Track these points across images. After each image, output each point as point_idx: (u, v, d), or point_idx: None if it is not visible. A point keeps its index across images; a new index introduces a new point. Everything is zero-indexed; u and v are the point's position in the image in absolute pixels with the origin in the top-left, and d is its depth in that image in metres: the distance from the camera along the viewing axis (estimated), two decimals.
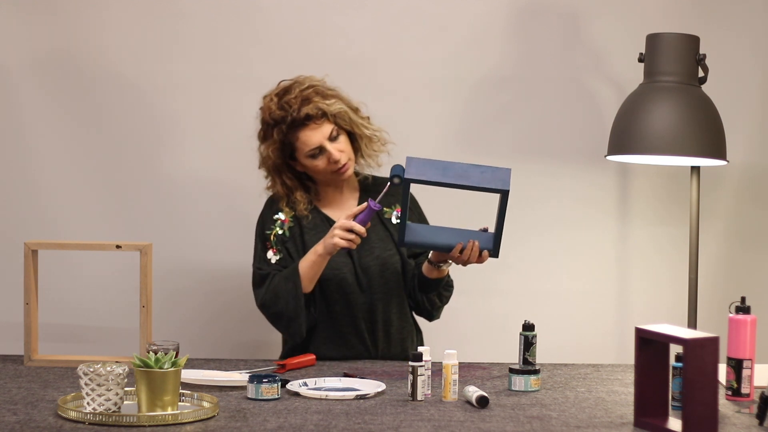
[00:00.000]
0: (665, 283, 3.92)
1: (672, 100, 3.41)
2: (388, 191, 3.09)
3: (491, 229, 3.14)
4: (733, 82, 3.84)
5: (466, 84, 3.86)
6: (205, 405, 2.60)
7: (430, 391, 2.76)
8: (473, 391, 2.69)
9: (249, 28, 3.82)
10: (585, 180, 3.91)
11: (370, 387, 2.82)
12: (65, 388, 2.82)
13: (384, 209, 3.34)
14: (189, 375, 2.87)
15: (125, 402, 2.60)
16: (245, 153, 3.81)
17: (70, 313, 3.83)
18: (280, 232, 3.30)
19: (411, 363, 2.70)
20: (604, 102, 3.87)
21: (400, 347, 3.33)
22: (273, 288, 3.21)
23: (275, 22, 3.82)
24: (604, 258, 3.94)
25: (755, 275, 3.91)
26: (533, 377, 2.86)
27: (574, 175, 3.90)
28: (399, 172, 3.01)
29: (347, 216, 3.13)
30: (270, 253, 3.28)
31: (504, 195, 3.00)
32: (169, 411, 2.50)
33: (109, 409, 2.50)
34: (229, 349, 3.80)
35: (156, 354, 2.55)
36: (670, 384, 2.58)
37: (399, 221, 3.11)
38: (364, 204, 3.12)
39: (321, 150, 3.23)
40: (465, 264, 3.14)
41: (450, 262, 3.22)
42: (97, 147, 3.81)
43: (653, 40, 3.48)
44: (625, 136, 3.45)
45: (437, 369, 2.95)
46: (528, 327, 2.93)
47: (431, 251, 3.21)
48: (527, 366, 2.90)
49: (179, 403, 2.57)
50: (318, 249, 3.18)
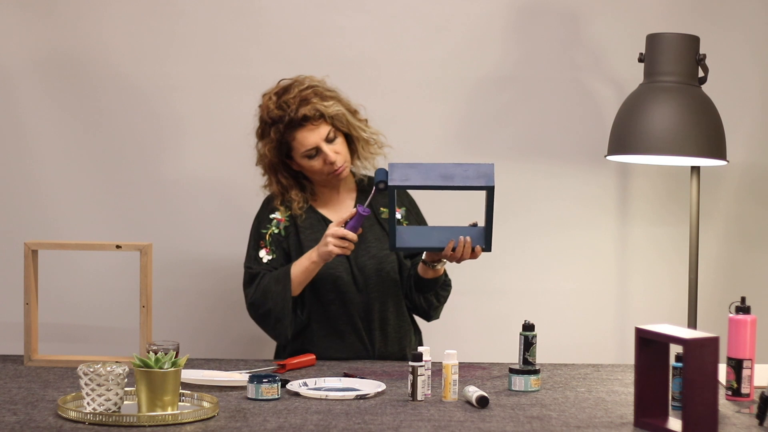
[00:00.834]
0: (665, 283, 3.92)
1: (672, 100, 3.41)
2: (375, 195, 3.10)
3: (480, 223, 3.14)
4: (733, 82, 3.84)
5: (466, 84, 3.86)
6: (205, 405, 2.60)
7: (430, 391, 2.76)
8: (473, 391, 2.69)
9: (248, 28, 3.82)
10: (585, 180, 3.91)
11: (370, 387, 2.82)
12: (65, 388, 2.82)
13: (381, 209, 3.35)
14: (189, 375, 2.87)
15: (125, 402, 2.60)
16: (245, 153, 3.81)
17: (70, 313, 3.83)
18: (276, 231, 3.30)
19: (411, 363, 2.71)
20: (604, 102, 3.87)
21: (397, 346, 3.34)
22: (262, 288, 3.22)
23: (275, 22, 3.82)
24: (603, 258, 3.94)
25: (755, 275, 3.91)
26: (533, 377, 2.86)
27: (574, 175, 3.90)
28: (383, 176, 3.02)
29: (337, 223, 3.13)
30: (263, 252, 3.29)
31: (490, 191, 3.00)
32: (169, 411, 2.50)
33: (109, 409, 2.50)
34: (229, 349, 3.80)
35: (156, 354, 2.55)
36: (670, 384, 2.58)
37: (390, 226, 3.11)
38: (353, 210, 3.12)
39: (317, 151, 3.23)
40: (459, 261, 3.14)
41: (444, 260, 3.22)
42: (98, 147, 3.81)
43: (653, 40, 3.48)
44: (625, 136, 3.45)
45: (437, 369, 2.95)
46: (528, 327, 2.93)
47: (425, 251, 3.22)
48: (527, 366, 2.90)
49: (179, 403, 2.57)
50: (312, 256, 3.18)
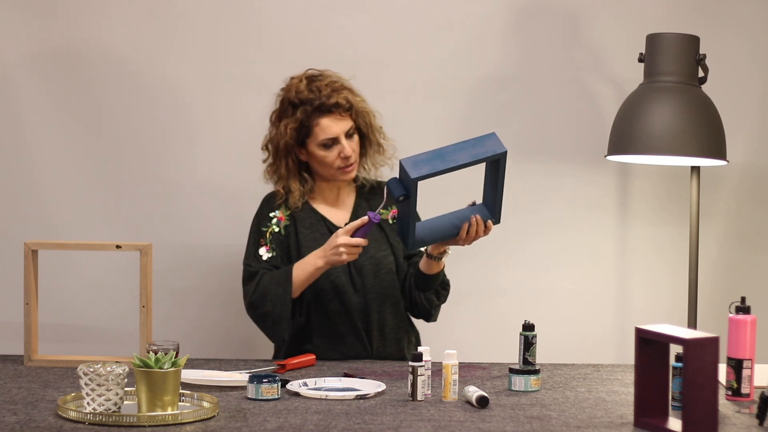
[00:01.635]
0: (665, 283, 3.92)
1: (672, 100, 3.41)
2: (386, 202, 3.10)
3: (478, 201, 3.16)
4: (733, 82, 3.84)
5: (466, 84, 3.86)
6: (205, 405, 2.60)
7: (430, 391, 2.76)
8: (473, 391, 2.69)
9: (249, 28, 3.82)
10: (585, 180, 3.91)
11: (370, 387, 2.82)
12: (65, 388, 2.82)
13: (380, 211, 3.35)
14: (189, 375, 2.87)
15: (125, 402, 2.60)
16: (245, 153, 3.81)
17: (70, 313, 3.83)
18: (276, 230, 3.31)
19: (411, 363, 2.70)
20: (604, 102, 3.87)
21: (395, 347, 3.34)
22: (262, 289, 3.22)
23: (276, 22, 3.82)
24: (604, 258, 3.94)
25: (755, 275, 3.91)
26: (533, 377, 2.86)
27: (574, 175, 3.90)
28: (401, 190, 2.98)
29: (346, 231, 3.12)
30: (263, 250, 3.29)
31: (503, 158, 3.02)
32: (169, 411, 2.50)
33: (109, 409, 2.50)
34: (229, 349, 3.80)
35: (156, 354, 2.55)
36: (670, 384, 2.58)
37: (400, 228, 3.09)
38: (364, 218, 3.11)
39: (335, 142, 3.25)
40: (471, 242, 3.13)
41: (449, 251, 3.22)
42: (98, 147, 3.81)
43: (653, 40, 3.48)
44: (625, 136, 3.45)
45: (437, 369, 2.95)
46: (528, 327, 2.93)
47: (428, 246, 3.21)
48: (527, 366, 2.90)
49: (179, 403, 2.57)
50: (318, 263, 3.18)
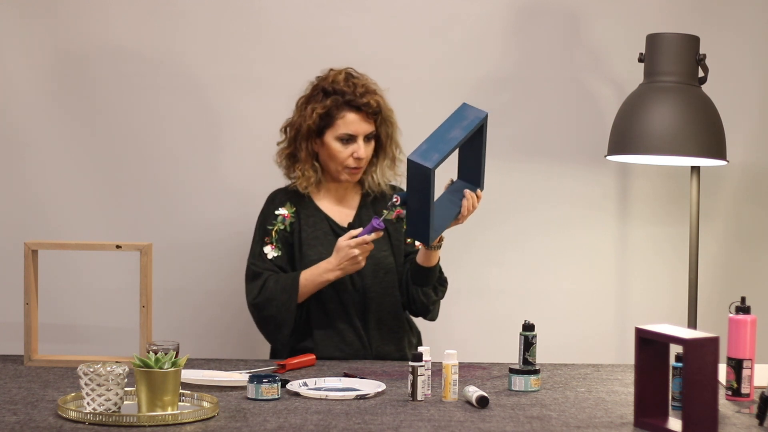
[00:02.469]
0: (665, 283, 3.92)
1: (672, 100, 3.41)
2: (391, 206, 3.15)
3: (455, 179, 3.24)
4: (733, 82, 3.84)
5: (466, 84, 3.86)
6: (205, 405, 2.60)
7: (430, 391, 2.76)
8: (473, 391, 2.69)
9: (250, 28, 3.82)
10: (585, 180, 3.91)
11: (370, 387, 2.82)
12: (65, 388, 2.82)
13: (384, 212, 3.35)
14: (189, 375, 2.87)
15: (125, 402, 2.60)
16: (245, 153, 3.82)
17: (70, 313, 3.83)
18: (282, 227, 3.32)
19: (411, 363, 2.71)
20: (604, 102, 3.87)
21: (394, 346, 3.34)
22: (268, 293, 3.23)
23: (276, 22, 3.82)
24: (603, 258, 3.94)
25: (755, 275, 3.91)
26: (533, 377, 2.86)
27: (574, 175, 3.90)
28: (401, 192, 3.09)
29: (353, 237, 3.15)
30: (268, 248, 3.30)
31: (485, 121, 3.12)
32: (169, 411, 2.50)
33: (109, 409, 2.50)
34: (229, 349, 3.80)
35: (156, 354, 2.55)
36: (670, 384, 2.58)
37: (416, 226, 3.10)
38: (369, 226, 3.16)
39: (352, 140, 3.28)
40: (466, 219, 3.18)
41: (444, 239, 3.22)
42: (98, 147, 3.81)
43: (653, 40, 3.48)
44: (625, 136, 3.45)
45: (437, 369, 2.95)
46: (528, 327, 2.93)
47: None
48: (527, 366, 2.90)
49: (179, 403, 2.57)
50: (331, 276, 3.21)
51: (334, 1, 3.84)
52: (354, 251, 3.16)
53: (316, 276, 3.22)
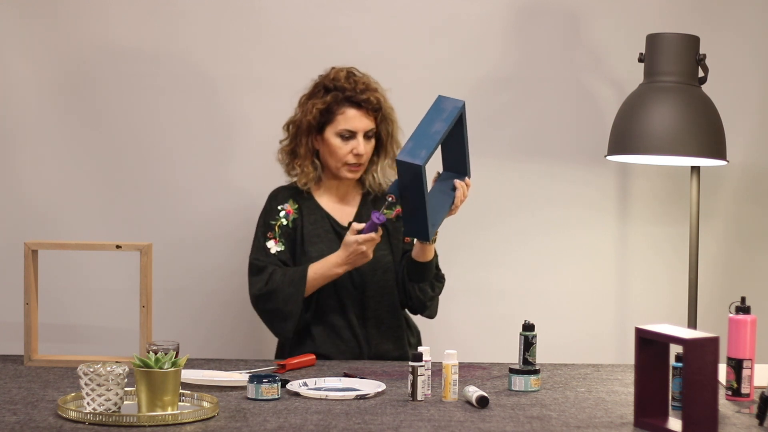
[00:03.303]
0: (665, 283, 3.92)
1: (672, 100, 3.41)
2: (388, 206, 3.18)
3: (440, 171, 3.25)
4: (733, 82, 3.84)
5: (466, 84, 3.86)
6: (205, 405, 2.60)
7: (430, 391, 2.76)
8: (473, 391, 2.69)
9: (250, 28, 3.82)
10: (585, 180, 3.91)
11: (370, 387, 2.82)
12: (65, 388, 2.82)
13: (384, 211, 3.36)
14: (189, 375, 2.87)
15: (125, 402, 2.60)
16: (246, 153, 3.82)
17: (70, 313, 3.83)
18: (284, 222, 3.32)
19: (411, 363, 2.71)
20: (604, 102, 3.87)
21: (393, 345, 3.34)
22: (274, 286, 3.23)
23: (276, 22, 3.82)
24: (603, 258, 3.94)
25: (755, 275, 3.91)
26: (533, 377, 2.86)
27: (574, 176, 3.90)
28: (394, 189, 3.09)
29: (354, 231, 3.17)
30: (271, 243, 3.30)
31: (462, 109, 3.14)
32: (169, 411, 2.50)
33: (109, 409, 2.50)
34: (229, 349, 3.80)
35: (156, 354, 2.55)
36: (670, 384, 2.58)
37: (414, 223, 3.11)
38: (370, 221, 3.17)
39: (352, 136, 3.29)
40: (458, 207, 3.21)
41: (437, 232, 3.23)
42: (97, 147, 3.81)
43: (653, 40, 3.48)
44: (625, 136, 3.45)
45: (437, 369, 2.95)
46: (528, 327, 2.93)
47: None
48: (527, 366, 2.90)
49: (179, 403, 2.57)
50: (339, 270, 3.22)
51: (334, 1, 3.84)
52: (362, 247, 3.17)
53: (325, 270, 3.23)
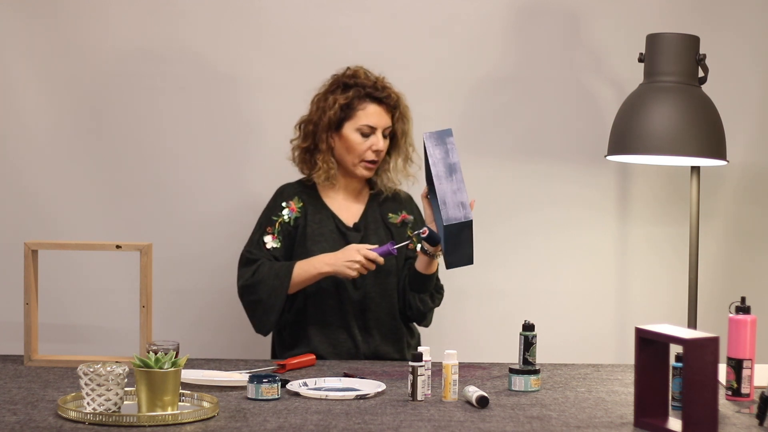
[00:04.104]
0: (665, 283, 3.92)
1: (672, 100, 3.41)
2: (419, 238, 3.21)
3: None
4: (733, 82, 3.84)
5: (466, 84, 3.86)
6: (205, 405, 2.60)
7: (430, 391, 2.76)
8: (473, 391, 2.69)
9: (249, 28, 3.82)
10: (585, 180, 3.90)
11: (370, 387, 2.82)
12: (65, 388, 2.82)
13: (389, 215, 3.38)
14: (189, 375, 2.87)
15: (125, 402, 2.60)
16: (246, 152, 3.81)
17: (70, 313, 3.83)
18: (286, 219, 3.32)
19: (411, 363, 2.71)
20: (604, 102, 3.87)
21: (392, 347, 3.34)
22: (260, 277, 3.25)
23: (276, 22, 3.82)
24: (603, 258, 3.94)
25: (755, 275, 3.91)
26: (533, 377, 2.86)
27: (573, 176, 3.90)
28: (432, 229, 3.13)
29: (366, 248, 3.18)
30: (268, 238, 3.31)
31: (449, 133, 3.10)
32: (169, 411, 2.50)
33: (109, 409, 2.50)
34: (229, 349, 3.80)
35: (156, 354, 2.55)
36: (670, 384, 2.58)
37: (456, 256, 3.10)
38: (386, 246, 3.19)
39: (372, 132, 3.30)
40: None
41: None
42: (98, 147, 3.81)
43: (653, 40, 3.48)
44: (625, 136, 3.45)
45: (437, 369, 2.95)
46: (528, 327, 2.93)
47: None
48: (527, 366, 2.90)
49: (179, 403, 2.57)
50: (324, 269, 3.22)
51: (334, 1, 3.84)
52: (357, 256, 3.17)
53: (310, 267, 3.23)
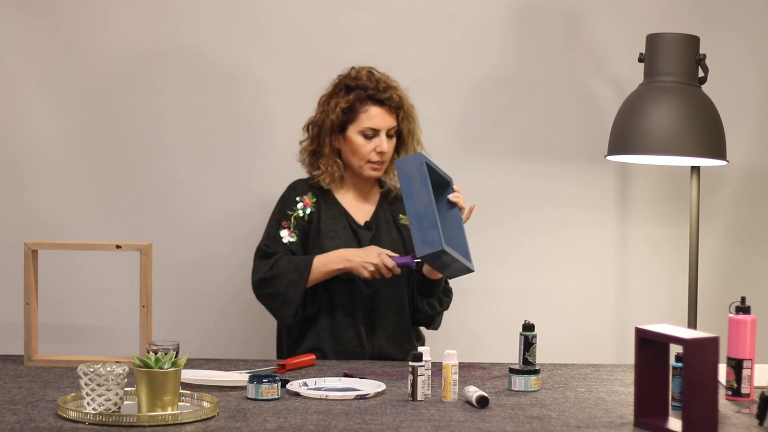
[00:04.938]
0: (665, 283, 3.92)
1: (672, 100, 3.41)
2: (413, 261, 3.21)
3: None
4: (733, 82, 3.84)
5: (466, 84, 3.86)
6: (205, 405, 2.60)
7: (430, 391, 2.76)
8: (473, 391, 2.69)
9: (249, 28, 3.82)
10: (585, 180, 3.91)
11: (370, 387, 2.82)
12: (65, 388, 2.82)
13: (400, 216, 3.38)
14: (189, 375, 2.87)
15: (125, 402, 2.60)
16: (246, 152, 3.81)
17: (70, 313, 3.83)
18: (300, 214, 3.33)
19: (411, 363, 2.71)
20: (604, 102, 3.87)
21: (398, 348, 3.34)
22: (279, 270, 3.25)
23: (276, 22, 3.82)
24: (603, 258, 3.94)
25: (755, 275, 3.91)
26: (533, 377, 2.86)
27: (574, 176, 3.90)
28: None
29: (388, 253, 3.20)
30: (284, 233, 3.31)
31: (423, 158, 3.09)
32: (169, 411, 2.50)
33: (109, 409, 2.50)
34: (229, 349, 3.80)
35: (156, 354, 2.55)
36: (670, 384, 2.58)
37: (453, 271, 3.15)
38: (407, 257, 3.20)
39: (375, 134, 3.30)
40: (469, 214, 3.25)
41: None
42: (97, 147, 3.81)
43: (653, 40, 3.48)
44: (625, 136, 3.45)
45: (437, 369, 2.95)
46: (528, 327, 2.93)
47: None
48: (527, 366, 2.90)
49: (179, 403, 2.57)
50: (341, 265, 3.23)
51: (334, 1, 3.84)
52: (376, 260, 3.19)
53: (329, 261, 3.24)
